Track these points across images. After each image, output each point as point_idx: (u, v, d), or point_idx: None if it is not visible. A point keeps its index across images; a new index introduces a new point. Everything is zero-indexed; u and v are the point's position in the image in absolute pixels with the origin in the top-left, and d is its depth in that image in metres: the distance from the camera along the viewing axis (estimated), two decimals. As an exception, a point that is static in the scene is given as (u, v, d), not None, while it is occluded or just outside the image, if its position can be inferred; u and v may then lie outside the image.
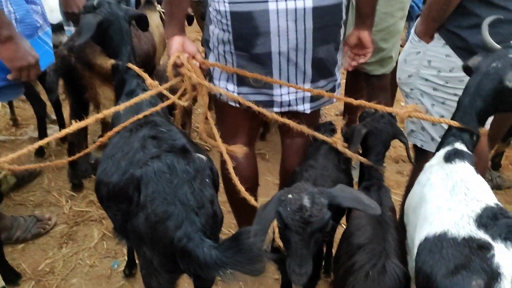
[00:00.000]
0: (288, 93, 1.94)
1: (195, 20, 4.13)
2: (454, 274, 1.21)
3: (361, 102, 1.82)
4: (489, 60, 1.54)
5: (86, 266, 2.51)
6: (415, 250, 1.40)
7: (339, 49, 1.96)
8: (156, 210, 1.46)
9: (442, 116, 1.96)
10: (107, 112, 1.79)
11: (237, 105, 1.96)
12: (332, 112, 4.48)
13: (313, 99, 1.98)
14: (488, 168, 3.41)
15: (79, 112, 2.74)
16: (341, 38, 1.94)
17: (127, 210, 1.57)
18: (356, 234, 1.61)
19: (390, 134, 1.91)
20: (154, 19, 3.40)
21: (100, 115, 1.76)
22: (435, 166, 1.58)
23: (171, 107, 2.12)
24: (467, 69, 1.66)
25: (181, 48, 1.93)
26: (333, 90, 2.03)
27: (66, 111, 3.44)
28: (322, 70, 1.91)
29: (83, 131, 3.00)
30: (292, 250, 1.32)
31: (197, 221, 1.46)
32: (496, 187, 3.34)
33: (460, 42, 1.87)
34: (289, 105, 1.97)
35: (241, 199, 1.81)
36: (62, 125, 3.54)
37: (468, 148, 1.56)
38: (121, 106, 1.79)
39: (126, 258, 2.44)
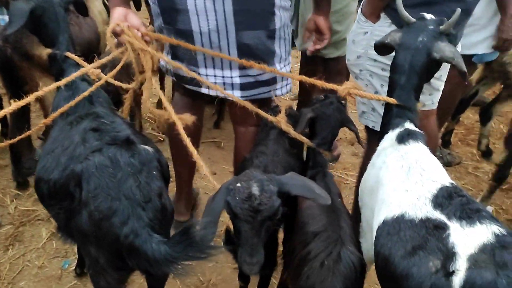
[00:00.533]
0: (215, 75, 1.94)
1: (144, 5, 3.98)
2: (412, 255, 1.21)
3: (302, 77, 1.81)
4: (412, 35, 1.54)
5: (34, 267, 2.39)
6: (374, 233, 1.39)
7: (278, 38, 1.92)
8: (100, 206, 1.39)
9: (392, 96, 1.97)
10: (47, 89, 1.70)
11: (174, 79, 2.02)
12: (287, 96, 4.46)
13: (243, 87, 1.95)
14: (439, 146, 3.50)
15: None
16: (278, 26, 1.89)
17: (70, 208, 1.50)
18: (311, 223, 1.59)
19: (339, 120, 1.90)
20: (96, 5, 3.24)
21: (40, 92, 1.67)
22: (389, 149, 1.57)
23: (118, 98, 2.02)
24: (380, 48, 1.67)
25: (123, 19, 1.85)
26: (273, 81, 2.01)
27: (7, 106, 3.24)
28: (251, 57, 1.84)
29: (26, 125, 2.84)
30: (243, 240, 1.29)
31: (144, 215, 1.40)
32: (446, 164, 3.43)
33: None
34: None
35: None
36: (2, 120, 3.32)
37: (416, 126, 1.57)
38: (63, 82, 1.73)
39: (77, 256, 2.34)
